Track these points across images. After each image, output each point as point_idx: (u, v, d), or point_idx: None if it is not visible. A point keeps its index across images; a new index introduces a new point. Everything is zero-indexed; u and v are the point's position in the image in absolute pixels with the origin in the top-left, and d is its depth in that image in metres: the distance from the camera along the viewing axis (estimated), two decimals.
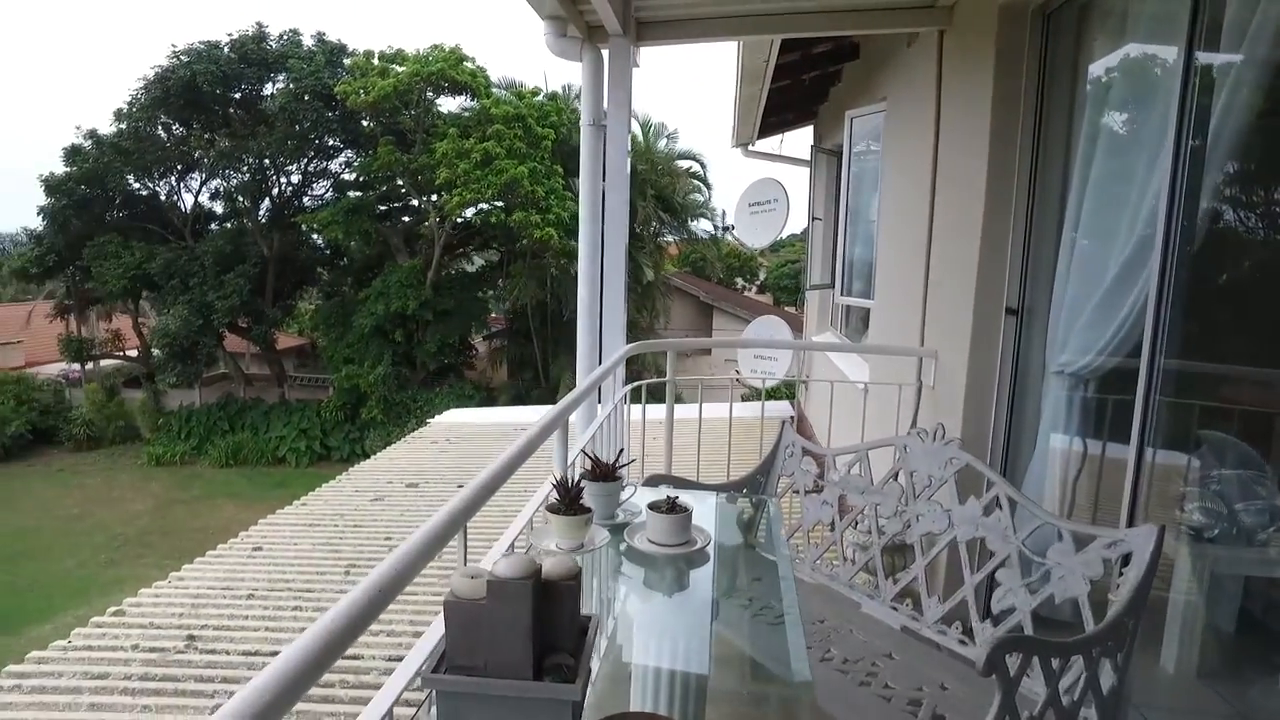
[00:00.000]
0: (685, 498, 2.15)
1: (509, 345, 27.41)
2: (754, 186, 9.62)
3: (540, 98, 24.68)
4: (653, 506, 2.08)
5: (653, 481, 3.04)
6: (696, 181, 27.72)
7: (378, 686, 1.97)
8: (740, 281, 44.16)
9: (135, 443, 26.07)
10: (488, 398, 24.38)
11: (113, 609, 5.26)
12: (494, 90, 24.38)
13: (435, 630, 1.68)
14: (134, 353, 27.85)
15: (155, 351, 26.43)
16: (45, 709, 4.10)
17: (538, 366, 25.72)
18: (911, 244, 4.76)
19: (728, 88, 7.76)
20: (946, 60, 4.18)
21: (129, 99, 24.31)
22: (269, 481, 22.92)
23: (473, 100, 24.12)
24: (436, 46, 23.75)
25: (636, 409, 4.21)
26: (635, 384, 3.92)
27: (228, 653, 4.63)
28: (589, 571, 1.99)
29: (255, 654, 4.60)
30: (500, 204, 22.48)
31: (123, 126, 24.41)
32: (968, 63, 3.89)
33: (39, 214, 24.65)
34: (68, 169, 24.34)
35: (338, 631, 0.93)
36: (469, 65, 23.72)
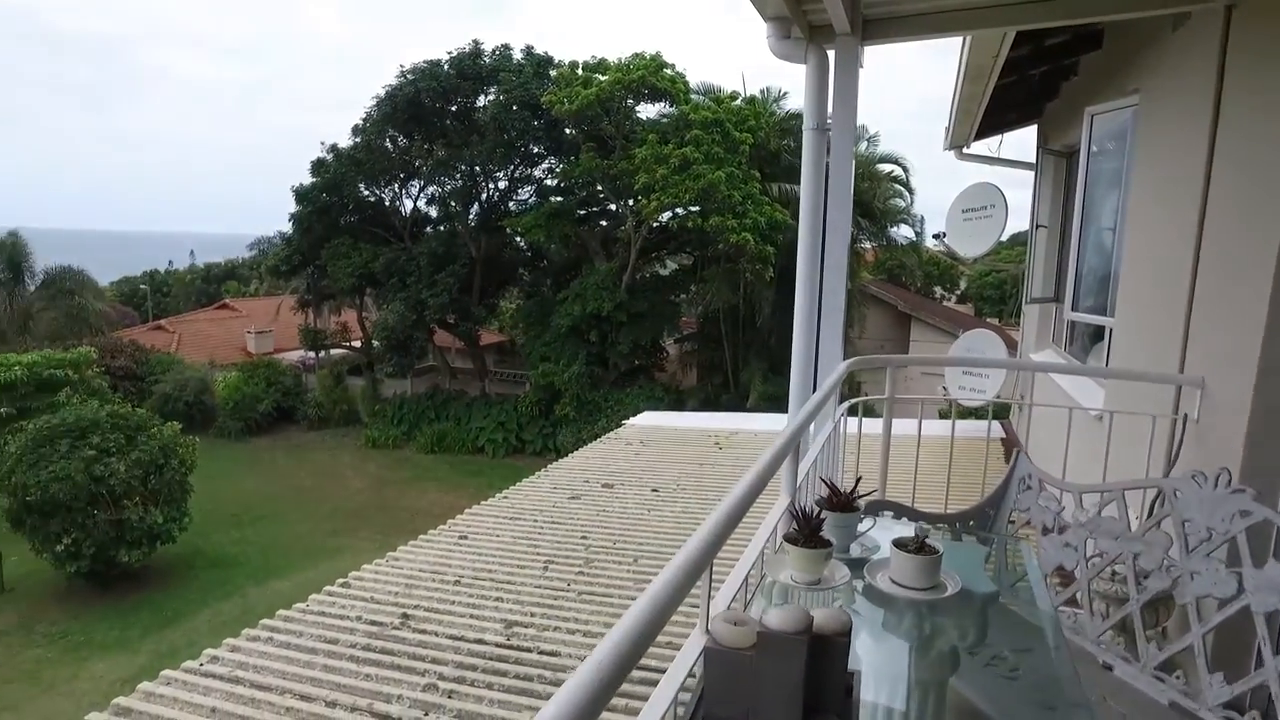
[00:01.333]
0: (930, 538, 1.95)
1: (699, 349, 27.59)
2: (969, 191, 8.98)
3: (738, 102, 24.63)
4: (899, 544, 1.91)
5: (872, 509, 2.84)
6: (898, 186, 26.57)
7: None
8: (939, 290, 41.92)
9: (356, 425, 28.75)
10: (677, 400, 24.64)
11: (340, 580, 5.73)
12: (693, 96, 24.62)
13: (679, 668, 1.61)
14: (358, 344, 30.73)
15: (375, 343, 29.02)
16: (290, 663, 4.52)
17: (727, 371, 25.68)
18: (1170, 255, 4.19)
19: (935, 86, 7.29)
20: (1236, 43, 3.63)
21: (364, 116, 26.87)
22: (468, 469, 24.47)
23: (672, 106, 24.49)
24: (638, 55, 24.33)
25: (847, 427, 4.00)
26: (854, 401, 3.73)
27: (436, 634, 4.89)
28: (820, 606, 1.85)
29: (460, 639, 4.83)
30: (696, 208, 22.65)
31: (357, 140, 27.01)
32: (1274, 45, 3.35)
33: (289, 219, 27.78)
34: (314, 179, 27.23)
35: (584, 698, 0.87)
36: (669, 72, 24.10)
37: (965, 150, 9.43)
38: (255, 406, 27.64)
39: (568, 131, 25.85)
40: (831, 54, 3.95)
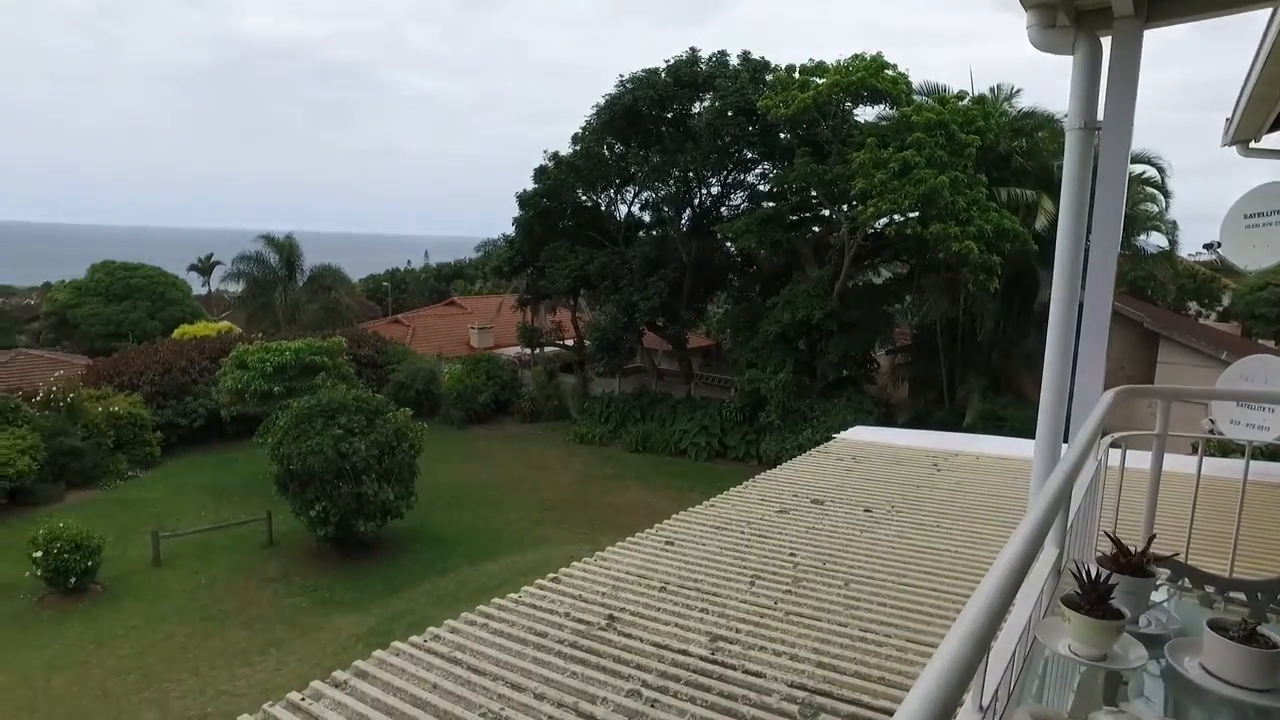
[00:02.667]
0: (1266, 625, 1.59)
1: (913, 362, 26.25)
2: (1257, 193, 7.74)
3: (965, 102, 23.12)
4: (1217, 627, 1.57)
5: (1170, 572, 2.42)
6: (1149, 189, 23.77)
7: None
8: (1193, 306, 37.10)
9: (565, 421, 30.08)
10: (886, 414, 23.57)
11: (550, 576, 5.92)
12: (915, 97, 23.43)
13: None
14: (571, 342, 32.16)
15: (587, 343, 30.21)
16: (502, 651, 4.72)
17: (942, 387, 24.21)
18: None
19: (1183, 72, 6.28)
20: None
21: (584, 125, 28.06)
22: (670, 470, 24.81)
23: (892, 108, 23.45)
24: (857, 56, 23.52)
25: (1106, 466, 3.51)
26: (1119, 434, 3.25)
27: (640, 640, 4.91)
28: (1104, 687, 1.56)
29: (665, 648, 4.81)
30: (915, 215, 21.53)
31: (577, 148, 28.25)
32: None
33: (513, 223, 29.62)
34: (536, 186, 28.83)
35: None
36: (890, 73, 23.08)
37: (1253, 145, 8.14)
38: (475, 398, 29.72)
39: (782, 136, 25.52)
40: (1106, 41, 3.48)
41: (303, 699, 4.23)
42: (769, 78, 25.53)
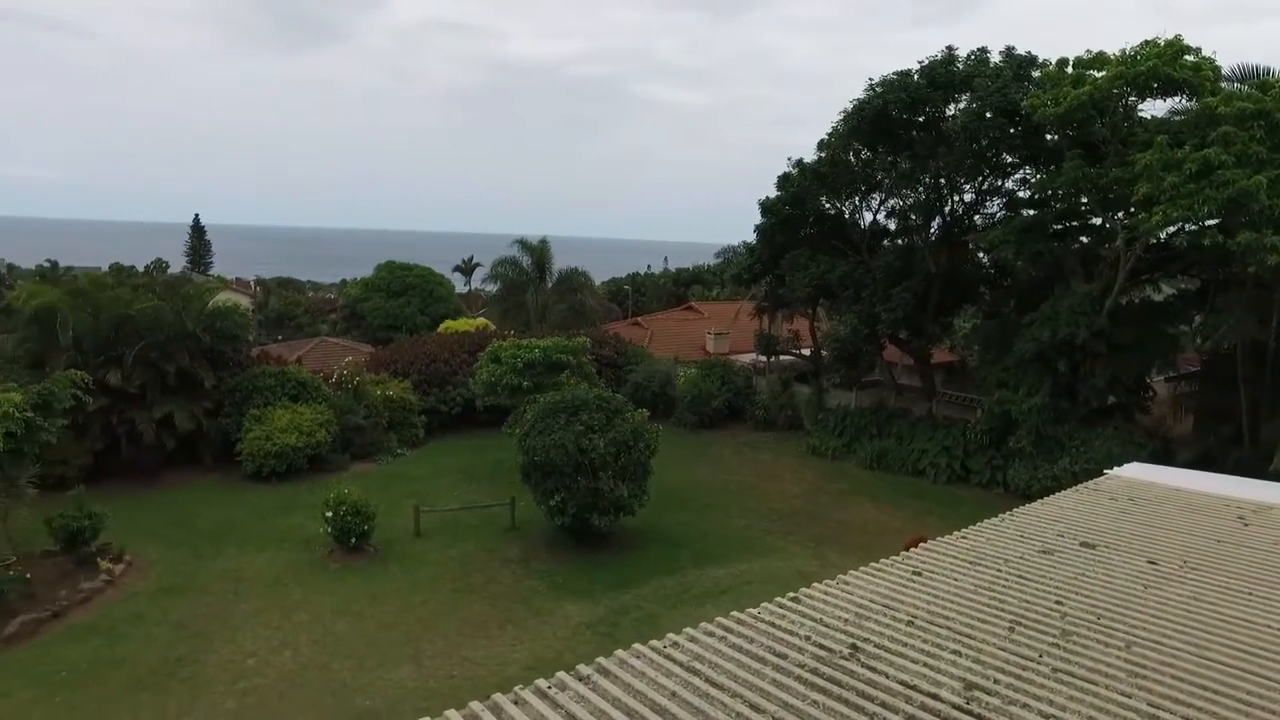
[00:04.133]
0: None
1: (1201, 391, 22.89)
2: None
3: None
4: None
5: None
6: None
7: None
8: None
9: (798, 431, 29.57)
10: (1162, 450, 20.71)
11: (790, 595, 5.76)
12: (1223, 85, 20.38)
13: None
14: (807, 352, 31.57)
15: (824, 353, 29.49)
16: (741, 667, 4.65)
17: (1241, 423, 20.85)
18: None
19: None
20: None
21: (830, 130, 27.39)
22: (906, 491, 23.57)
23: (1190, 100, 20.57)
24: (1148, 43, 20.87)
25: None
26: None
27: (886, 675, 4.61)
28: None
29: (913, 688, 4.48)
30: (1215, 222, 18.72)
31: (822, 155, 27.63)
32: None
33: (754, 230, 29.63)
34: (779, 193, 28.61)
35: None
36: (1190, 59, 20.24)
37: None
38: (709, 402, 30.07)
39: (1048, 137, 23.32)
40: None
41: (549, 687, 4.42)
42: (1035, 74, 23.42)
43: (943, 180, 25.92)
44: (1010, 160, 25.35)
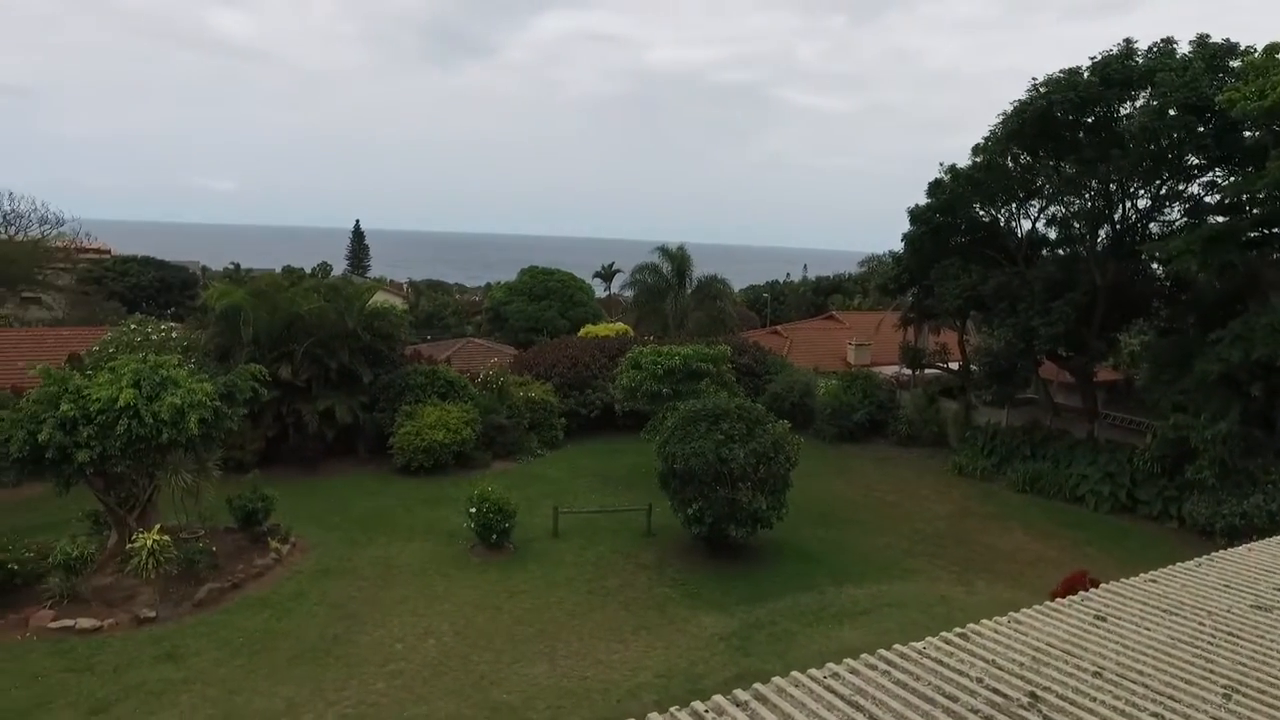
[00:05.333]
0: None
1: None
2: None
3: None
4: None
5: None
6: None
7: None
8: None
9: (943, 448, 28.22)
10: None
11: (958, 630, 5.39)
12: None
13: None
14: (955, 366, 30.08)
15: (973, 368, 27.98)
16: (907, 706, 4.36)
17: None
18: None
19: None
20: None
21: (986, 134, 25.96)
22: (1062, 518, 21.99)
23: None
24: None
25: None
26: None
27: None
28: None
29: None
30: None
31: (977, 160, 26.22)
32: None
33: (901, 239, 28.54)
34: (929, 200, 27.42)
35: None
36: None
37: None
38: (850, 415, 29.18)
39: (1246, 135, 21.11)
40: None
41: (705, 710, 4.30)
42: (1235, 64, 21.26)
43: (1113, 185, 24.02)
44: (1196, 162, 23.18)
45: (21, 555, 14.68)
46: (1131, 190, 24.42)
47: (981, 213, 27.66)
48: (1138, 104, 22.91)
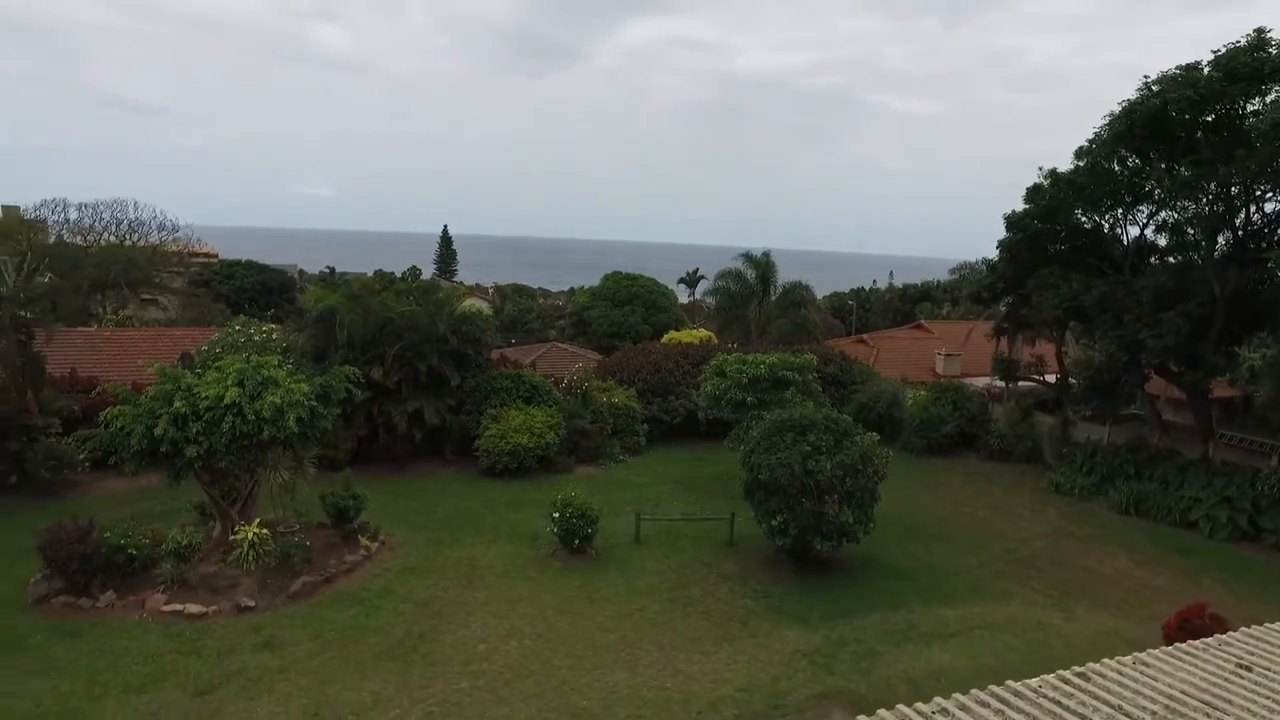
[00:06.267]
0: None
1: None
2: None
3: None
4: None
5: None
6: None
7: None
8: None
9: (1037, 465, 27.02)
10: None
11: (1076, 670, 5.05)
12: None
13: None
14: (1051, 379, 28.75)
15: (1073, 381, 26.68)
16: None
17: None
18: None
19: None
20: None
21: (1092, 136, 24.73)
22: (1172, 544, 20.71)
23: None
24: None
25: None
26: None
27: None
28: None
29: None
30: None
31: (1080, 163, 24.99)
32: None
33: (996, 246, 27.49)
34: (1027, 206, 26.31)
35: None
36: None
37: None
38: (939, 427, 28.25)
39: None
40: None
41: None
42: None
43: (1235, 188, 22.51)
44: None
45: (139, 541, 15.64)
46: (1258, 193, 22.83)
47: (1084, 219, 26.35)
48: (1268, 100, 21.42)
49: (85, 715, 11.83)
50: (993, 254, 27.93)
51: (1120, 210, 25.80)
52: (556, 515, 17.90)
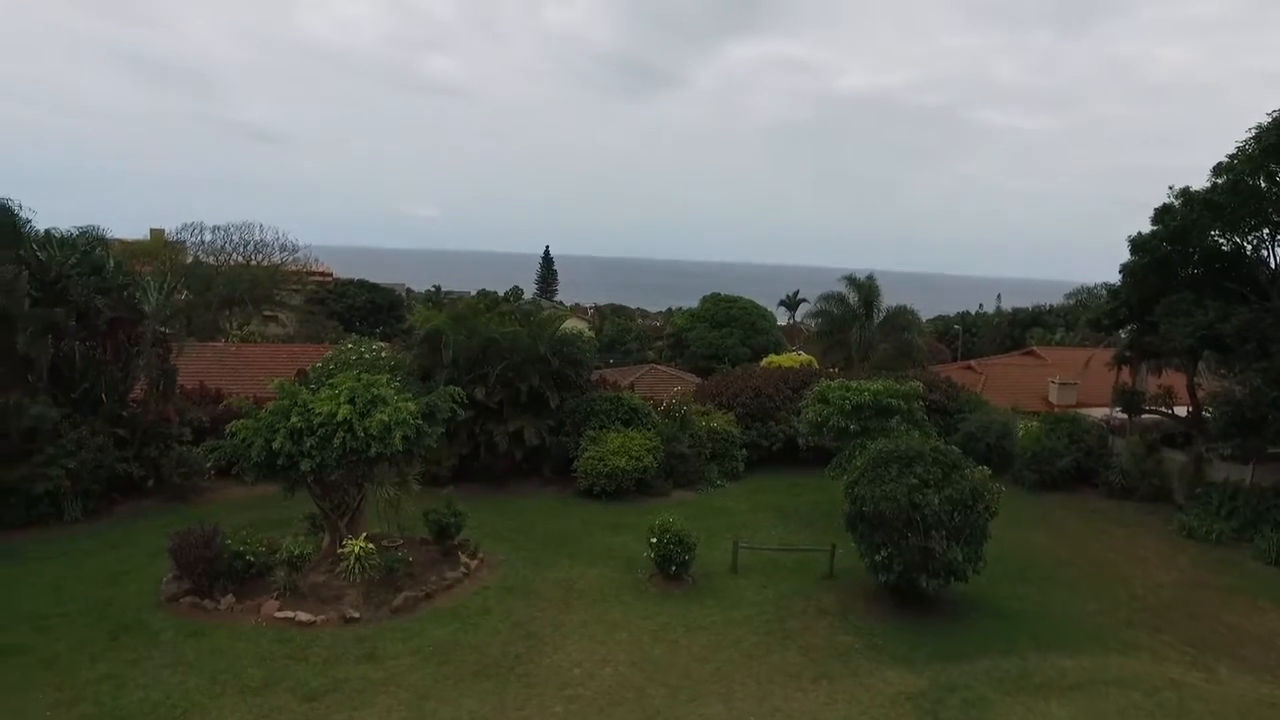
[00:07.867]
0: None
1: None
2: None
3: None
4: None
5: None
6: None
7: None
8: None
9: (1165, 505, 25.17)
10: None
11: None
12: None
13: None
14: (1182, 412, 26.81)
15: (1208, 414, 24.79)
16: None
17: None
18: None
19: None
20: None
21: (1233, 151, 23.10)
22: None
23: None
24: None
25: None
26: None
27: None
28: None
29: None
30: None
31: (1219, 181, 23.38)
32: None
33: (1119, 270, 25.98)
34: (1155, 228, 24.79)
35: None
36: None
37: None
38: (1054, 461, 26.73)
39: None
40: None
41: None
42: None
43: None
44: None
45: (256, 549, 16.43)
46: None
47: (1222, 240, 24.62)
48: None
49: (207, 711, 12.45)
50: (1111, 276, 26.51)
51: (1266, 230, 23.97)
52: (654, 541, 17.77)
